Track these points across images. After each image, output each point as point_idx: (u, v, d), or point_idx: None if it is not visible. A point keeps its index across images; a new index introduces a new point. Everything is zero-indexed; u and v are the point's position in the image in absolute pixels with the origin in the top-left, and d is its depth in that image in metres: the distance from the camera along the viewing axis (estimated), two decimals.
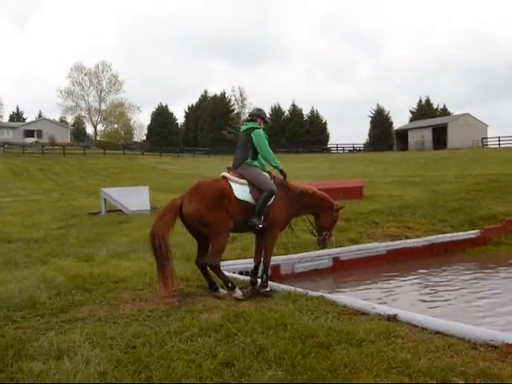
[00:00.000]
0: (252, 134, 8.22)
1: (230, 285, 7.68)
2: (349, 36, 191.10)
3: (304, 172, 39.95)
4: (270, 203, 7.89)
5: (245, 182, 7.92)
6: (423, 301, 9.87)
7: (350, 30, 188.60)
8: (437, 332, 5.79)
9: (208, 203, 7.43)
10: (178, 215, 7.51)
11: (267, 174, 8.27)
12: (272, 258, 11.27)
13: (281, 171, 8.33)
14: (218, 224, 7.46)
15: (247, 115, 8.50)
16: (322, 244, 8.76)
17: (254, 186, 7.90)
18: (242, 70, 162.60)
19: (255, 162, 8.23)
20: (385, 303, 8.49)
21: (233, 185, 7.80)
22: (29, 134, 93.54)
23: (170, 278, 7.26)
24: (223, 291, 7.76)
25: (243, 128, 8.49)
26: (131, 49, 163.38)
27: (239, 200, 7.72)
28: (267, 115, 8.70)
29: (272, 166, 8.37)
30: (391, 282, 11.47)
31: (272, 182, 8.08)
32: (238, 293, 7.65)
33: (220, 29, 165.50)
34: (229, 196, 7.64)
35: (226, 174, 8.06)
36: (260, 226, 7.82)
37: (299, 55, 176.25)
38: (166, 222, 7.37)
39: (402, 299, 9.93)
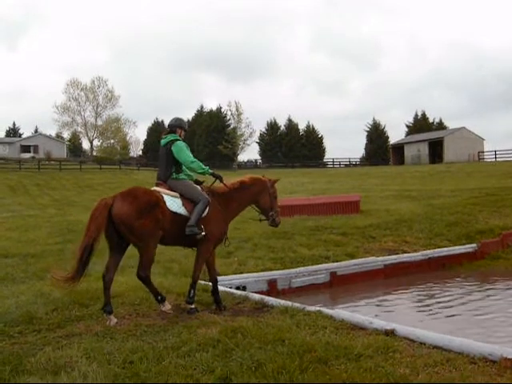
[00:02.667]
0: (172, 148, 7.88)
1: (159, 297, 7.51)
2: (340, 50, 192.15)
3: (300, 187, 40.07)
4: (204, 215, 7.67)
5: (177, 195, 7.68)
6: (421, 315, 9.86)
7: (344, 44, 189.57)
8: (435, 346, 5.77)
9: (140, 208, 7.09)
10: (106, 214, 7.09)
11: (197, 186, 8.01)
12: (269, 272, 11.33)
13: (212, 174, 8.07)
14: (145, 233, 7.11)
15: (168, 126, 8.25)
16: (273, 224, 8.52)
17: (186, 198, 7.68)
18: (238, 85, 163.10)
19: (181, 175, 7.95)
20: (382, 318, 8.46)
21: (165, 197, 7.53)
22: (25, 149, 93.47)
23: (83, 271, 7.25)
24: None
25: (162, 142, 8.12)
26: (127, 64, 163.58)
27: (172, 212, 7.47)
28: (186, 124, 8.40)
29: (199, 173, 8.01)
30: (389, 296, 11.47)
31: (203, 192, 7.85)
32: (167, 306, 7.55)
33: (216, 44, 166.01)
34: (162, 207, 7.36)
35: (155, 188, 7.80)
36: (202, 233, 7.58)
37: (294, 70, 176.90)
38: (99, 225, 7.07)
39: (400, 314, 9.93)
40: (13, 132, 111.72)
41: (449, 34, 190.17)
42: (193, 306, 7.67)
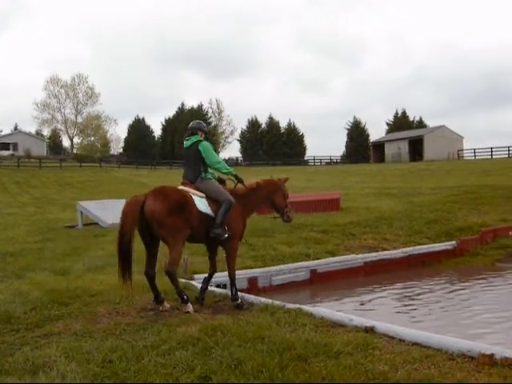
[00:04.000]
0: (199, 147, 8.17)
1: (185, 297, 7.57)
2: (324, 49, 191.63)
3: None
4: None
5: (203, 195, 7.96)
6: (400, 312, 9.92)
7: (325, 42, 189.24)
8: (414, 343, 5.79)
9: (171, 206, 7.37)
10: (138, 210, 7.32)
11: (221, 186, 8.35)
12: (250, 270, 11.34)
13: (235, 176, 8.43)
14: (175, 229, 7.38)
15: (189, 129, 8.53)
16: (288, 220, 8.93)
17: (211, 198, 7.96)
18: (218, 82, 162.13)
19: (209, 175, 8.28)
20: (362, 315, 8.50)
21: (194, 197, 7.80)
22: (4, 146, 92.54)
23: (130, 271, 7.32)
24: (167, 305, 7.67)
25: (187, 143, 8.41)
26: (107, 61, 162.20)
27: (200, 212, 7.75)
28: (206, 128, 8.79)
29: (224, 173, 8.38)
30: (369, 293, 11.51)
31: (228, 192, 8.17)
32: (190, 307, 7.54)
33: (196, 41, 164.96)
34: (191, 206, 7.64)
35: (183, 187, 8.05)
36: (226, 235, 7.88)
37: (275, 68, 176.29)
38: (134, 219, 7.26)
39: (380, 311, 9.98)
40: None
41: (432, 34, 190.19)
42: (239, 302, 7.96)
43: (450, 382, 4.62)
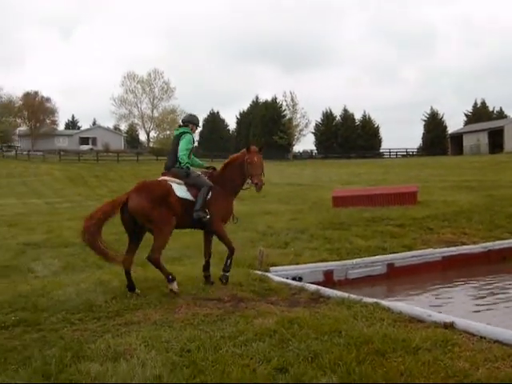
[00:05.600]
0: (180, 139, 8.68)
1: (170, 277, 7.96)
2: (398, 39, 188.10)
3: (355, 177, 39.78)
4: (208, 198, 8.37)
5: (181, 181, 8.41)
6: (480, 309, 9.66)
7: (400, 32, 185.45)
8: (495, 341, 5.60)
9: (154, 200, 7.91)
10: (118, 211, 8.06)
11: (199, 173, 8.84)
12: (325, 263, 11.27)
13: (202, 166, 9.19)
14: (162, 220, 7.94)
15: (181, 121, 9.13)
16: (256, 189, 8.66)
17: (190, 184, 8.41)
18: (292, 75, 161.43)
19: (187, 164, 8.68)
20: (441, 311, 8.32)
21: (173, 185, 8.29)
22: (84, 141, 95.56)
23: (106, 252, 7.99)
24: (138, 291, 8.01)
25: (175, 133, 9.02)
26: (182, 56, 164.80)
27: (180, 198, 8.21)
28: (200, 121, 9.37)
29: (185, 166, 8.65)
30: (447, 288, 11.27)
31: (205, 177, 8.65)
32: (175, 286, 7.94)
33: (268, 34, 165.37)
34: (172, 195, 8.13)
35: (163, 177, 8.58)
36: (207, 216, 8.26)
37: (349, 59, 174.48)
38: (99, 220, 7.98)
39: (459, 307, 9.74)
40: (72, 125, 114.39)
41: (506, 20, 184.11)
42: (227, 274, 8.59)
43: None
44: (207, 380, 4.61)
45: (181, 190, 8.28)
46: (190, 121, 9.08)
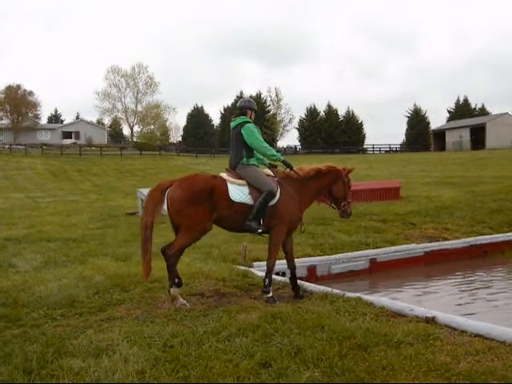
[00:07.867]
0: (242, 130, 7.63)
1: (176, 280, 7.18)
2: (382, 35, 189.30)
3: None
4: (274, 202, 7.44)
5: (244, 182, 7.46)
6: (461, 303, 9.73)
7: (383, 29, 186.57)
8: (476, 335, 5.65)
9: (192, 195, 7.06)
10: (164, 196, 7.21)
11: (267, 172, 7.83)
12: (308, 258, 11.30)
13: (283, 162, 7.76)
14: (192, 220, 7.06)
15: (237, 108, 7.99)
16: (344, 216, 8.14)
17: (253, 186, 7.44)
18: (276, 70, 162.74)
19: (251, 160, 7.71)
20: (422, 305, 8.37)
21: (229, 186, 7.36)
22: (67, 135, 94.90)
23: (150, 262, 7.14)
24: (178, 290, 7.28)
25: (232, 124, 7.87)
26: (166, 51, 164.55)
27: (233, 201, 7.28)
28: (256, 106, 8.12)
29: (271, 159, 7.90)
30: (429, 283, 11.35)
31: (271, 181, 7.55)
32: (176, 290, 7.17)
33: (252, 30, 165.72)
34: (219, 195, 7.21)
35: (223, 174, 7.60)
36: (259, 230, 7.43)
37: (332, 55, 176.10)
38: (155, 204, 7.15)
39: (441, 301, 9.80)
40: (54, 118, 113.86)
41: (491, 18, 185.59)
42: (270, 295, 7.48)
43: None
44: (190, 375, 4.61)
45: (238, 193, 7.33)
46: (248, 106, 7.95)
